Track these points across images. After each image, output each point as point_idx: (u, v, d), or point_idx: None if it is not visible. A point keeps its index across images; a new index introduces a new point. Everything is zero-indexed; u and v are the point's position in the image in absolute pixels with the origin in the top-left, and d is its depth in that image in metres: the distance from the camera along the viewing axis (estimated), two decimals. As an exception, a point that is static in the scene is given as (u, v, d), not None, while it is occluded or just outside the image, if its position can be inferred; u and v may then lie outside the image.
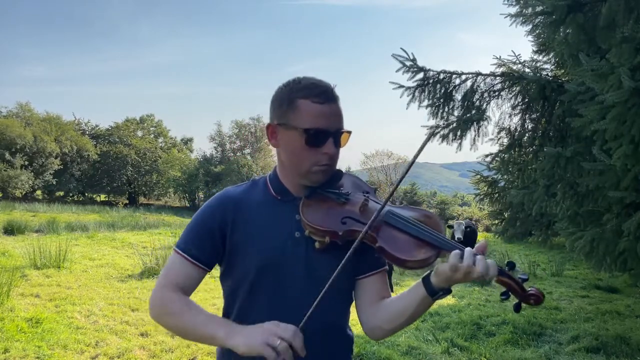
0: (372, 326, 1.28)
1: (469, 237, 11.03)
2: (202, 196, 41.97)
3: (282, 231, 1.22)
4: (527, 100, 6.20)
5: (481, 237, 17.63)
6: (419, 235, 1.14)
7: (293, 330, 1.00)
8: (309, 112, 1.17)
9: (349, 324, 1.36)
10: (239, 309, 1.24)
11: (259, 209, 1.24)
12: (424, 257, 1.11)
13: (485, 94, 6.32)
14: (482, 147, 41.98)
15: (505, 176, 8.71)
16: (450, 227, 11.29)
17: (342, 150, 1.26)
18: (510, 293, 1.12)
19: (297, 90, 1.19)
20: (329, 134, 1.18)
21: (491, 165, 8.22)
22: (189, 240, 1.23)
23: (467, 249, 1.07)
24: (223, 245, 1.23)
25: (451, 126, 6.25)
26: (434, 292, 1.12)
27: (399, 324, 1.21)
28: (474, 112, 6.22)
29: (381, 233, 1.15)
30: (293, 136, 1.18)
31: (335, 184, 1.27)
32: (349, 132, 1.22)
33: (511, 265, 1.10)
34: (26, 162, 35.09)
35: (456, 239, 10.68)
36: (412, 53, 5.99)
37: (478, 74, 6.25)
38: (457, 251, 1.07)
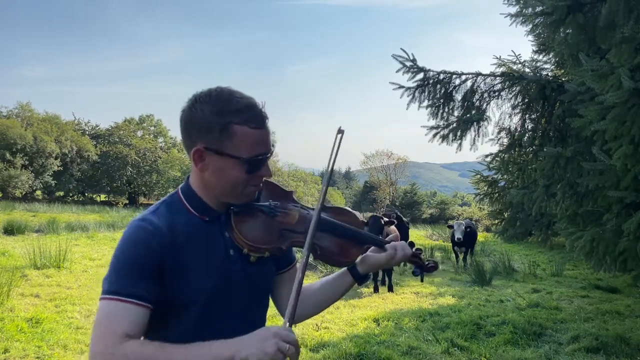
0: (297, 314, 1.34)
1: (469, 238, 11.02)
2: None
3: (218, 254, 1.16)
4: (527, 100, 6.20)
5: (481, 237, 17.63)
6: (349, 236, 1.27)
7: (292, 333, 0.99)
8: (248, 140, 1.10)
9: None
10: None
11: (189, 234, 1.13)
12: (356, 255, 1.28)
13: (485, 94, 6.33)
14: (482, 147, 42.03)
15: (505, 176, 8.73)
16: (451, 227, 11.27)
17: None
18: (418, 268, 1.37)
19: (230, 113, 1.09)
20: (266, 158, 1.15)
21: (491, 165, 8.23)
22: (127, 282, 1.03)
23: (393, 242, 1.30)
24: (162, 281, 1.08)
25: (451, 126, 6.26)
26: (361, 278, 1.31)
27: (324, 308, 1.37)
28: (474, 112, 6.22)
29: (319, 241, 1.22)
30: (230, 164, 1.11)
31: (259, 196, 1.24)
32: (274, 147, 1.21)
33: (411, 244, 1.32)
34: (26, 162, 35.11)
35: (456, 239, 10.67)
36: (412, 53, 6.00)
37: (478, 74, 6.25)
38: (393, 245, 1.29)
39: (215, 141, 1.10)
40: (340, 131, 1.25)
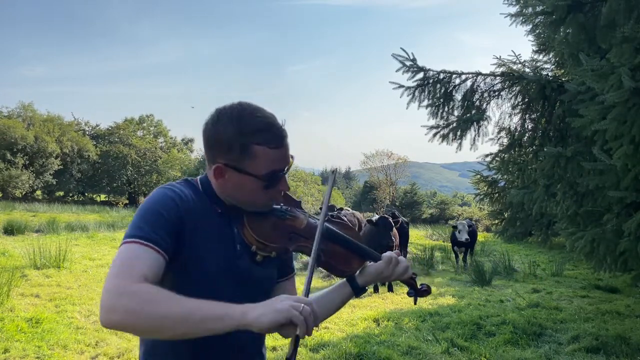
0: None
1: (469, 238, 11.05)
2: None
3: (227, 244, 1.19)
4: (527, 100, 6.20)
5: (481, 237, 17.63)
6: (352, 248, 1.33)
7: (308, 299, 1.00)
8: (267, 159, 1.15)
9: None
10: None
11: (204, 217, 1.17)
12: (357, 266, 1.34)
13: (485, 94, 6.33)
14: (482, 147, 41.97)
15: (505, 176, 8.72)
16: (455, 227, 11.32)
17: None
18: (413, 290, 1.43)
19: (250, 134, 1.13)
20: (283, 173, 1.20)
21: (491, 165, 8.22)
22: (150, 229, 1.05)
23: (394, 256, 1.33)
24: (179, 243, 1.10)
25: (451, 126, 6.26)
26: (359, 290, 1.34)
27: (322, 319, 1.37)
28: (474, 111, 6.22)
29: (325, 249, 1.27)
30: (248, 181, 1.16)
31: None
32: (293, 158, 1.24)
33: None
34: (27, 162, 35.14)
35: (464, 239, 10.71)
36: (412, 53, 6.00)
37: (478, 73, 6.25)
38: (388, 257, 1.31)
39: (236, 159, 1.15)
40: (333, 171, 1.37)
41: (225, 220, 1.21)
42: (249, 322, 0.94)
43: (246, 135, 1.14)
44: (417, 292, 1.44)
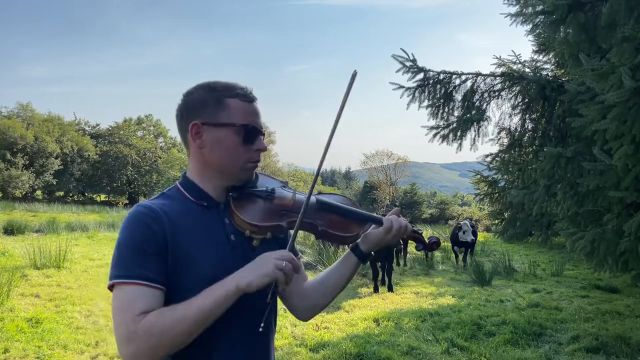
0: (306, 307, 1.37)
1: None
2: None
3: (218, 239, 1.17)
4: (527, 100, 6.19)
5: (481, 237, 17.64)
6: (349, 214, 1.31)
7: (288, 252, 1.10)
8: (241, 110, 1.19)
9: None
10: None
11: (187, 220, 1.15)
12: (357, 231, 1.31)
13: (485, 94, 6.32)
14: (482, 147, 42.01)
15: (505, 176, 8.71)
16: (459, 228, 11.38)
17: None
18: (421, 244, 1.43)
19: (222, 90, 1.19)
20: (259, 131, 1.22)
21: (491, 165, 8.21)
22: (136, 265, 1.05)
23: (393, 216, 1.32)
24: (166, 262, 1.09)
25: (451, 126, 6.25)
26: (365, 257, 1.33)
27: (334, 295, 1.37)
28: (474, 112, 6.22)
29: (319, 219, 1.26)
30: (226, 133, 1.18)
31: (255, 184, 1.30)
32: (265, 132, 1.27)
33: (410, 223, 1.39)
34: (27, 162, 35.14)
35: (469, 240, 10.81)
36: (412, 53, 5.99)
37: (478, 74, 6.24)
38: (388, 218, 1.30)
39: (211, 115, 1.18)
40: (354, 75, 1.27)
41: (213, 213, 1.20)
42: (243, 289, 1.05)
43: (218, 91, 1.19)
44: (425, 246, 1.43)
